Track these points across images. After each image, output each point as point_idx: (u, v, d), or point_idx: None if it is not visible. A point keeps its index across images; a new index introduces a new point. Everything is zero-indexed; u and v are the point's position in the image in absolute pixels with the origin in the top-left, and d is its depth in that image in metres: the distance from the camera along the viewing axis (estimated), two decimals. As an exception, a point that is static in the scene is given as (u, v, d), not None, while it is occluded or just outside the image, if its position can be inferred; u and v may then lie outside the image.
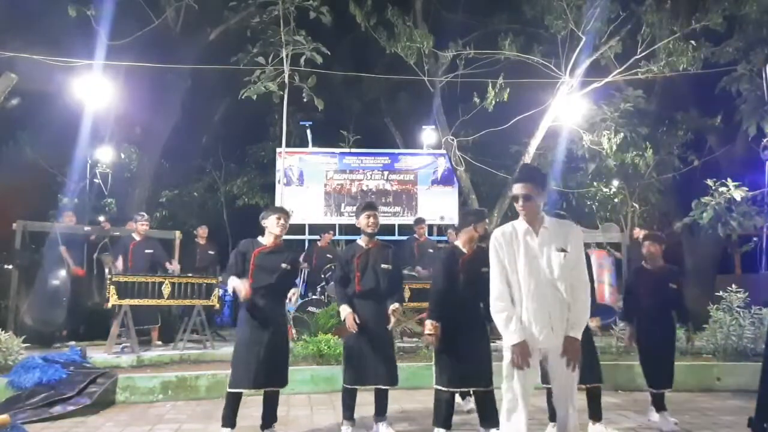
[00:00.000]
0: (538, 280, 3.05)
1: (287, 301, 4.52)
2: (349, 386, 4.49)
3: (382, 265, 4.54)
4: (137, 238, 7.95)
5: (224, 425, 4.27)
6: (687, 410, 5.31)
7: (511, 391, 3.06)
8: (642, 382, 5.96)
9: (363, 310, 4.49)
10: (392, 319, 4.47)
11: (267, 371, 4.21)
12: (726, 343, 6.67)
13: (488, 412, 4.12)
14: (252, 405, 4.63)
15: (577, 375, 3.12)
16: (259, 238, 4.48)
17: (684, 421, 4.86)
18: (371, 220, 4.57)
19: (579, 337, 3.06)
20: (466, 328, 4.13)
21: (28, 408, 5.13)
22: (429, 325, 4.12)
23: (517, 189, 3.16)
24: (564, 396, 3.15)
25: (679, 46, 9.34)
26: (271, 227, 4.43)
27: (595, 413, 4.40)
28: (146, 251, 7.89)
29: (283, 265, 4.38)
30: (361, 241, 4.65)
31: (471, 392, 4.39)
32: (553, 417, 4.39)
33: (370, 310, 4.50)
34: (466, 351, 4.09)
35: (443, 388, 4.15)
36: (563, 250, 3.06)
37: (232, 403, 4.28)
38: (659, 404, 4.77)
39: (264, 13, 8.19)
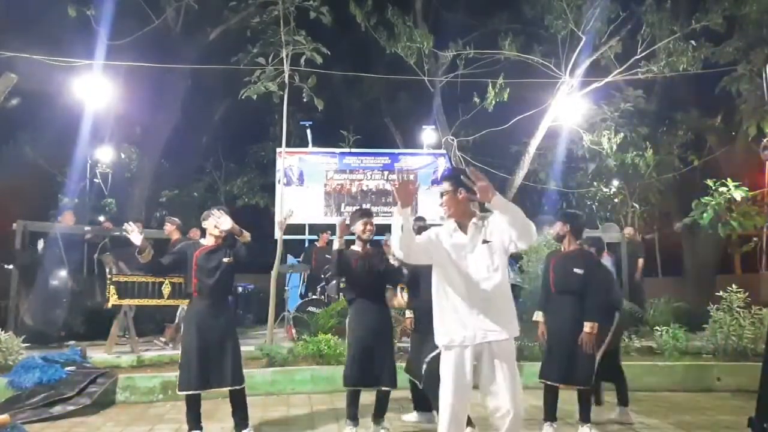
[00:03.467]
0: (469, 275, 3.07)
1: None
2: (350, 387, 4.49)
3: (379, 266, 4.55)
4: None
5: (189, 429, 4.26)
6: (687, 410, 5.31)
7: (447, 405, 3.00)
8: (643, 382, 5.97)
9: (366, 314, 4.50)
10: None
11: (214, 371, 4.18)
12: (726, 343, 6.66)
13: None
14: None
15: (517, 373, 3.02)
16: (201, 240, 4.43)
17: (684, 421, 4.86)
18: (368, 227, 4.58)
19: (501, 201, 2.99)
20: None
21: (28, 408, 5.12)
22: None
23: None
24: (502, 395, 2.96)
25: (679, 46, 9.35)
26: (210, 228, 4.36)
27: (584, 416, 4.38)
28: None
29: (225, 260, 4.33)
30: (357, 246, 4.65)
31: None
32: (548, 417, 4.40)
33: (373, 313, 4.51)
34: None
35: None
36: (486, 241, 3.12)
37: (190, 406, 4.25)
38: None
39: (264, 13, 8.16)
